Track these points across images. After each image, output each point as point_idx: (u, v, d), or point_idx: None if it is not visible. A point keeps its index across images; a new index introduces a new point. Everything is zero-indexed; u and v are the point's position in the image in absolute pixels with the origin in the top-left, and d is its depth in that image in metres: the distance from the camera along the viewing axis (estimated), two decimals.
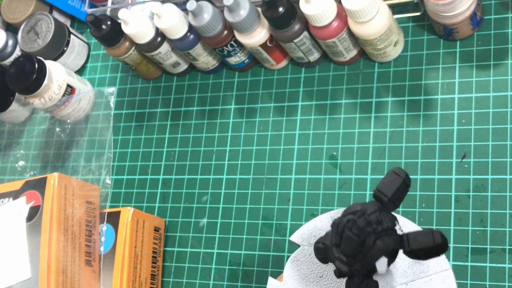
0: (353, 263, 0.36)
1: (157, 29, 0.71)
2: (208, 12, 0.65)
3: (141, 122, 0.79)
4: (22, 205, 0.65)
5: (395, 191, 0.36)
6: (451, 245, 0.59)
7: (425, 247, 0.34)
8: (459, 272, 0.58)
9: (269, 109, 0.72)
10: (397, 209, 0.65)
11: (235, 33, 0.67)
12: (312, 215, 0.66)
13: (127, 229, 0.66)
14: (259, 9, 0.66)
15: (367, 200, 0.64)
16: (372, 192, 0.64)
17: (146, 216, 0.69)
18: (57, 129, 0.82)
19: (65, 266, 0.62)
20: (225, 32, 0.68)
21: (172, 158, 0.75)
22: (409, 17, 0.68)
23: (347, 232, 0.35)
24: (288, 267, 0.45)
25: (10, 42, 0.83)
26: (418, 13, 0.67)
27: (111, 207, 0.74)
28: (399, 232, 0.36)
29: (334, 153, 0.67)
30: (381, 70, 0.68)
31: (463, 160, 0.61)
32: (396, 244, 0.35)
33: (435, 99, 0.64)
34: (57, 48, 0.82)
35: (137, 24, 0.69)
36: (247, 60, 0.73)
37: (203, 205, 0.71)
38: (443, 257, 0.41)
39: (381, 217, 0.35)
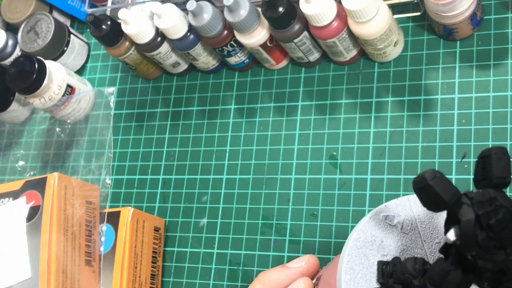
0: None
1: (157, 29, 0.71)
2: (208, 12, 0.65)
3: (141, 122, 0.79)
4: (22, 205, 0.65)
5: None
6: None
7: None
8: None
9: (269, 109, 0.72)
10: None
11: (235, 33, 0.67)
12: (312, 215, 0.66)
13: (127, 229, 0.66)
14: (259, 9, 0.66)
15: (367, 200, 0.64)
16: (371, 192, 0.64)
17: (146, 216, 0.69)
18: (57, 129, 0.82)
19: (65, 266, 0.62)
20: (225, 32, 0.68)
21: (172, 158, 0.75)
22: (409, 17, 0.68)
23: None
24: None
25: (10, 42, 0.83)
26: (418, 13, 0.67)
27: (111, 207, 0.74)
28: None
29: (334, 153, 0.67)
30: (381, 70, 0.68)
31: (463, 160, 0.61)
32: None
33: (435, 99, 0.64)
34: (57, 48, 0.82)
35: (137, 24, 0.69)
36: (247, 60, 0.73)
37: (203, 205, 0.71)
38: None
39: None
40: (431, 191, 0.27)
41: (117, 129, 0.80)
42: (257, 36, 0.66)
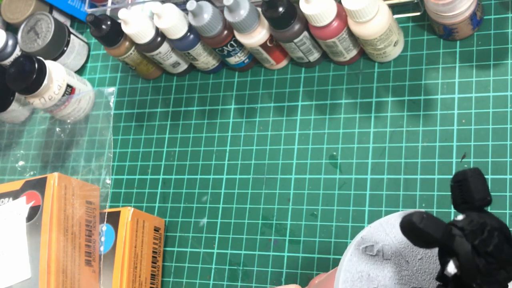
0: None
1: (157, 29, 0.71)
2: (208, 12, 0.65)
3: (141, 122, 0.79)
4: (22, 205, 0.65)
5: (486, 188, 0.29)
6: None
7: None
8: None
9: (269, 109, 0.72)
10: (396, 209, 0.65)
11: (235, 33, 0.67)
12: (312, 215, 0.66)
13: (127, 229, 0.66)
14: (259, 9, 0.66)
15: (367, 200, 0.64)
16: (371, 192, 0.64)
17: (146, 216, 0.69)
18: (57, 129, 0.82)
19: (65, 266, 0.62)
20: (225, 32, 0.68)
21: (172, 158, 0.75)
22: (409, 17, 0.68)
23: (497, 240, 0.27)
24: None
25: (10, 42, 0.83)
26: (418, 13, 0.67)
27: (111, 207, 0.74)
28: None
29: (334, 153, 0.67)
30: (381, 70, 0.68)
31: (463, 160, 0.61)
32: None
33: (435, 99, 0.64)
34: (57, 48, 0.82)
35: (137, 24, 0.69)
36: (247, 60, 0.73)
37: (203, 205, 0.71)
38: None
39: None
40: (423, 233, 0.27)
41: (117, 129, 0.80)
42: (257, 36, 0.66)
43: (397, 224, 0.32)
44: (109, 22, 0.72)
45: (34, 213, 0.63)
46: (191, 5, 0.64)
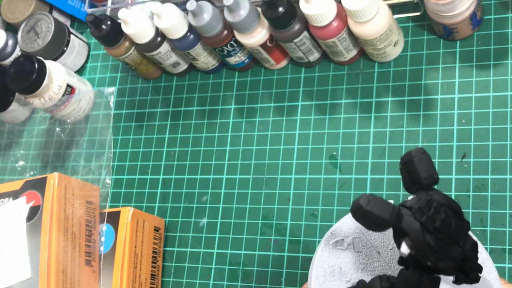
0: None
1: (157, 29, 0.71)
2: (208, 12, 0.65)
3: (141, 122, 0.79)
4: (22, 205, 0.65)
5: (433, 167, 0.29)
6: None
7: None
8: None
9: (269, 109, 0.72)
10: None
11: (235, 33, 0.67)
12: (312, 215, 0.66)
13: (127, 229, 0.66)
14: (259, 9, 0.66)
15: None
16: (371, 192, 0.64)
17: (146, 216, 0.69)
18: (57, 129, 0.82)
19: (65, 266, 0.62)
20: (225, 32, 0.68)
21: (172, 158, 0.75)
22: (409, 17, 0.68)
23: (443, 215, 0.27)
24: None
25: (10, 42, 0.83)
26: (418, 13, 0.67)
27: (111, 207, 0.74)
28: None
29: (334, 153, 0.67)
30: (381, 70, 0.68)
31: (463, 160, 0.61)
32: None
33: (435, 99, 0.64)
34: (57, 48, 0.82)
35: (137, 24, 0.69)
36: (247, 60, 0.73)
37: (203, 205, 0.71)
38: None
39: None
40: (371, 215, 0.27)
41: (117, 129, 0.80)
42: (257, 36, 0.66)
43: None
44: (109, 22, 0.72)
45: (34, 213, 0.63)
46: (191, 5, 0.64)
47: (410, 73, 0.66)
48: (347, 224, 0.34)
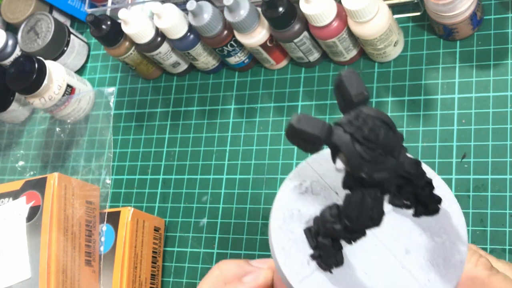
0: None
1: (157, 29, 0.71)
2: (208, 12, 0.65)
3: (141, 122, 0.79)
4: (22, 205, 0.65)
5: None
6: None
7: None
8: None
9: (269, 109, 0.72)
10: None
11: (235, 33, 0.67)
12: None
13: (127, 229, 0.66)
14: (259, 9, 0.66)
15: None
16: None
17: (146, 216, 0.69)
18: (57, 129, 0.82)
19: (65, 266, 0.62)
20: (225, 32, 0.68)
21: (172, 158, 0.75)
22: (409, 17, 0.68)
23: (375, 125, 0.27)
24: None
25: (10, 42, 0.83)
26: (418, 13, 0.67)
27: (111, 207, 0.74)
28: None
29: None
30: (381, 70, 0.68)
31: (463, 160, 0.61)
32: None
33: (435, 99, 0.64)
34: (57, 48, 0.82)
35: (137, 24, 0.69)
36: (247, 60, 0.73)
37: (203, 205, 0.71)
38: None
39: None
40: (302, 133, 0.27)
41: (117, 129, 0.80)
42: (257, 36, 0.66)
43: (323, 161, 0.33)
44: (109, 22, 0.72)
45: (34, 213, 0.63)
46: (191, 5, 0.64)
47: (410, 73, 0.66)
48: (304, 169, 0.34)
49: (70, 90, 0.78)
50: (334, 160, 0.28)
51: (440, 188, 0.32)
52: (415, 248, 0.31)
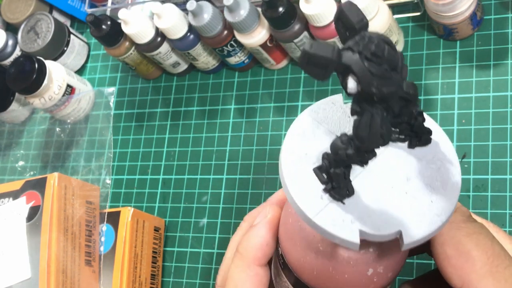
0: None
1: (157, 29, 0.71)
2: (208, 12, 0.65)
3: (141, 122, 0.79)
4: (22, 205, 0.65)
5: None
6: None
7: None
8: None
9: (269, 109, 0.72)
10: None
11: (235, 33, 0.67)
12: None
13: (127, 229, 0.66)
14: (259, 9, 0.66)
15: None
16: None
17: (146, 216, 0.69)
18: (57, 129, 0.82)
19: (65, 266, 0.62)
20: (225, 32, 0.68)
21: (172, 158, 0.75)
22: (409, 17, 0.68)
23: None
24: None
25: (10, 42, 0.83)
26: (418, 13, 0.67)
27: (111, 207, 0.74)
28: None
29: None
30: None
31: (463, 160, 0.61)
32: None
33: (435, 99, 0.64)
34: (57, 48, 0.82)
35: (137, 24, 0.69)
36: (247, 60, 0.73)
37: (203, 205, 0.71)
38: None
39: None
40: (315, 57, 0.28)
41: (117, 129, 0.80)
42: (257, 36, 0.66)
43: (320, 111, 0.37)
44: (109, 22, 0.72)
45: (34, 213, 0.63)
46: (191, 5, 0.64)
47: (410, 73, 0.66)
48: (304, 120, 0.37)
49: (70, 90, 0.78)
50: (343, 84, 0.30)
51: (429, 122, 0.35)
52: (415, 175, 0.33)
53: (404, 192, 0.33)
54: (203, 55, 0.72)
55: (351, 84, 0.29)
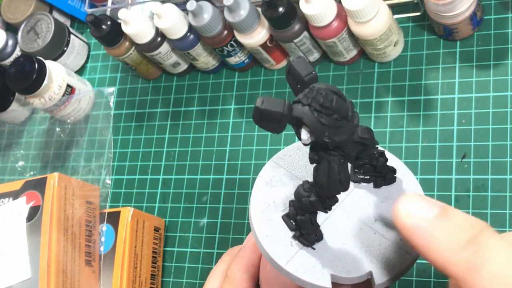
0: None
1: (157, 29, 0.71)
2: (208, 12, 0.65)
3: (141, 122, 0.79)
4: (22, 205, 0.65)
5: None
6: None
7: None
8: None
9: None
10: None
11: (235, 33, 0.67)
12: None
13: (127, 229, 0.66)
14: (259, 9, 0.66)
15: None
16: None
17: (146, 216, 0.69)
18: (57, 129, 0.82)
19: (65, 266, 0.62)
20: (225, 32, 0.68)
21: (172, 158, 0.75)
22: (409, 17, 0.68)
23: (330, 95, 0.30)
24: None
25: (10, 42, 0.83)
26: (418, 13, 0.67)
27: (111, 207, 0.74)
28: None
29: None
30: (381, 70, 0.68)
31: (463, 160, 0.61)
32: None
33: (435, 99, 0.64)
34: (57, 48, 0.82)
35: (137, 24, 0.69)
36: (247, 60, 0.73)
37: (203, 205, 0.71)
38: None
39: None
40: (267, 112, 0.30)
41: (117, 129, 0.80)
42: (257, 36, 0.66)
43: (286, 157, 0.37)
44: (109, 22, 0.72)
45: (34, 213, 0.63)
46: (191, 5, 0.64)
47: (410, 73, 0.66)
48: (271, 167, 0.38)
49: (70, 90, 0.78)
50: (298, 135, 0.31)
51: (392, 160, 0.36)
52: (382, 215, 0.34)
53: (372, 232, 0.34)
54: (203, 55, 0.72)
55: (304, 135, 0.30)
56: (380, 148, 0.34)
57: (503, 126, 0.61)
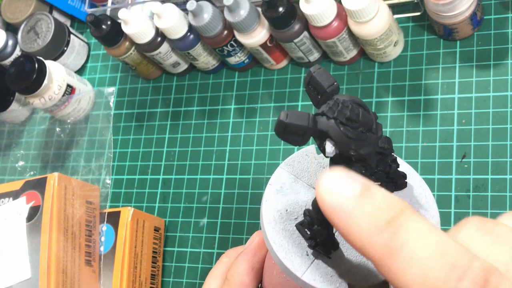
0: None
1: (157, 29, 0.71)
2: (208, 12, 0.65)
3: (141, 122, 0.79)
4: (22, 205, 0.65)
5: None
6: None
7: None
8: None
9: (269, 109, 0.72)
10: None
11: (235, 33, 0.67)
12: None
13: (127, 229, 0.66)
14: (259, 9, 0.66)
15: None
16: None
17: (146, 216, 0.69)
18: (57, 129, 0.82)
19: (65, 266, 0.62)
20: (225, 32, 0.68)
21: (172, 158, 0.75)
22: (409, 17, 0.68)
23: (356, 108, 0.30)
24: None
25: (10, 42, 0.83)
26: (418, 13, 0.67)
27: (111, 207, 0.74)
28: None
29: None
30: (381, 70, 0.68)
31: (463, 160, 0.61)
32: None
33: (435, 99, 0.64)
34: (57, 48, 0.82)
35: (137, 24, 0.69)
36: (247, 60, 0.73)
37: (203, 205, 0.71)
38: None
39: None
40: (292, 126, 0.29)
41: (117, 129, 0.80)
42: (257, 36, 0.66)
43: (295, 164, 0.37)
44: (109, 22, 0.72)
45: (34, 213, 0.63)
46: (191, 5, 0.64)
47: (410, 73, 0.66)
48: (281, 174, 0.37)
49: (70, 90, 0.78)
50: (321, 148, 0.30)
51: (402, 165, 0.35)
52: None
53: None
54: (203, 55, 0.72)
55: (329, 148, 0.30)
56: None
57: (503, 126, 0.61)
